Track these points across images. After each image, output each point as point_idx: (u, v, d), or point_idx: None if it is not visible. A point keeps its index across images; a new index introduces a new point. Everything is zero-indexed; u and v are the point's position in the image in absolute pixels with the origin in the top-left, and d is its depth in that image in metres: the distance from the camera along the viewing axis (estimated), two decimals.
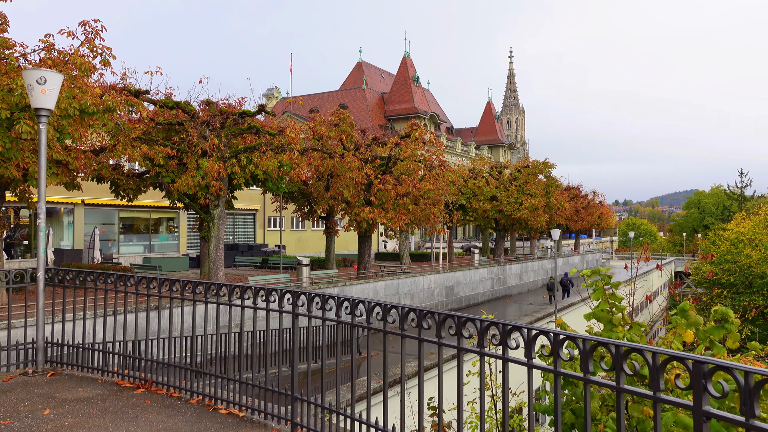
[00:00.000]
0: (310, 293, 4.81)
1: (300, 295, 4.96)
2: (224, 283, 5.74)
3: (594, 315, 5.33)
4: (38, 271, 6.73)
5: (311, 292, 4.88)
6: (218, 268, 19.74)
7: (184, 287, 6.00)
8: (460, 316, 3.70)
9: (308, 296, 4.80)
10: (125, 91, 17.40)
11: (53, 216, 31.71)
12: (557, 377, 3.12)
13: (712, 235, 48.74)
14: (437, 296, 29.41)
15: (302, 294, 4.93)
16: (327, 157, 22.93)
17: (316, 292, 4.82)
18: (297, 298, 4.96)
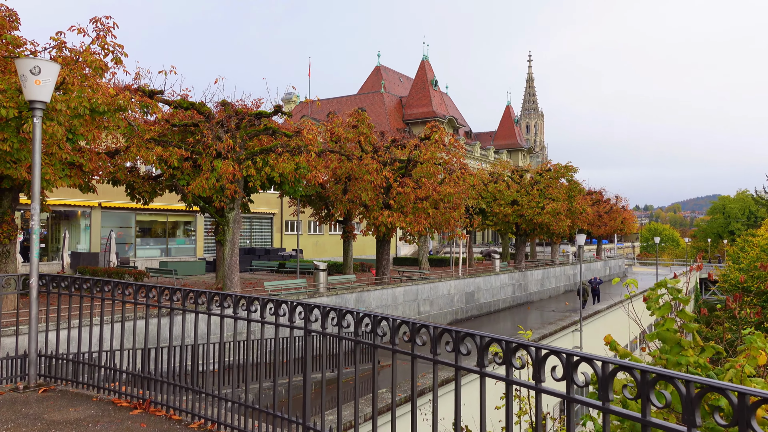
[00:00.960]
0: (293, 302, 4.47)
1: (281, 305, 4.60)
2: (229, 293, 5.14)
3: (658, 335, 4.64)
4: (31, 277, 6.21)
5: (294, 301, 4.44)
6: (233, 272, 19.27)
7: (185, 297, 5.41)
8: (458, 331, 3.31)
9: (290, 306, 4.48)
10: (139, 92, 17.04)
11: (70, 219, 31.61)
12: (570, 405, 2.78)
13: (741, 241, 47.38)
14: (457, 302, 28.67)
15: (283, 303, 4.55)
16: (345, 159, 22.37)
17: (301, 301, 4.44)
18: (279, 308, 4.61)
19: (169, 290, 5.52)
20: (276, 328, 4.53)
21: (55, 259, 29.86)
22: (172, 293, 5.49)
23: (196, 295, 5.29)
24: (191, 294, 5.33)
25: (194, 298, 5.29)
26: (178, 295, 5.47)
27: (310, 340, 4.39)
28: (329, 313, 4.15)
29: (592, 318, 25.39)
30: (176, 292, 5.47)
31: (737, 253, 46.19)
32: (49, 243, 30.37)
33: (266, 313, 4.66)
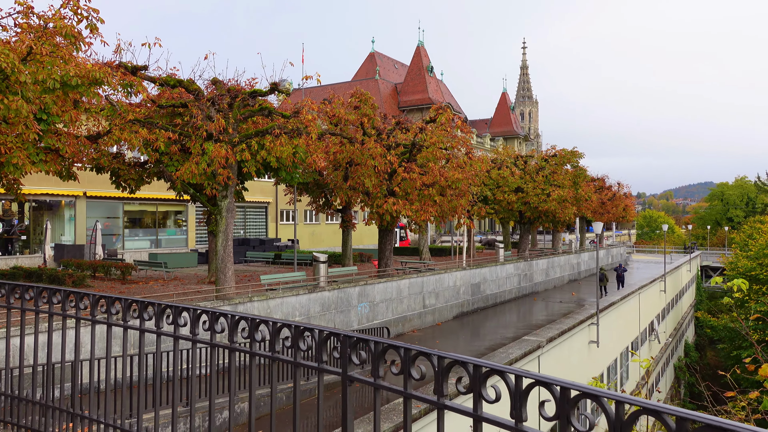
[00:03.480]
0: (196, 310, 3.71)
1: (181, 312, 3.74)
2: (105, 294, 3.90)
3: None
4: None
5: (199, 308, 3.73)
6: (227, 265, 17.78)
7: (42, 296, 4.12)
8: (408, 348, 2.61)
9: (192, 314, 3.73)
10: (122, 68, 15.41)
11: (54, 209, 29.94)
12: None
13: (748, 228, 46.29)
14: (463, 294, 27.30)
15: (185, 311, 3.74)
16: (347, 143, 20.82)
17: (206, 308, 3.68)
18: (179, 316, 3.71)
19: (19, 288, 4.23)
20: (175, 340, 3.71)
21: (38, 252, 28.23)
22: (38, 294, 4.20)
23: (77, 298, 4.02)
24: (58, 294, 4.07)
25: (75, 300, 4.03)
26: (45, 295, 4.15)
27: (216, 354, 3.55)
28: (239, 322, 3.42)
29: (606, 310, 24.11)
30: (41, 292, 4.18)
31: (745, 240, 45.04)
32: (31, 235, 28.72)
33: (163, 323, 3.83)
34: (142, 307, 3.78)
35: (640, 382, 32.37)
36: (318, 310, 18.76)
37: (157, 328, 3.75)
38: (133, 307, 4.01)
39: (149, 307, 3.83)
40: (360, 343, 2.79)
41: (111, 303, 3.98)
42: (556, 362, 18.31)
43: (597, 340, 22.05)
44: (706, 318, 47.63)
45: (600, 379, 24.38)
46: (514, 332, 23.99)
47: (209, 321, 3.49)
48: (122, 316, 3.97)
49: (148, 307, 3.81)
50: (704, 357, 57.16)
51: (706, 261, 70.66)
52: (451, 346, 21.50)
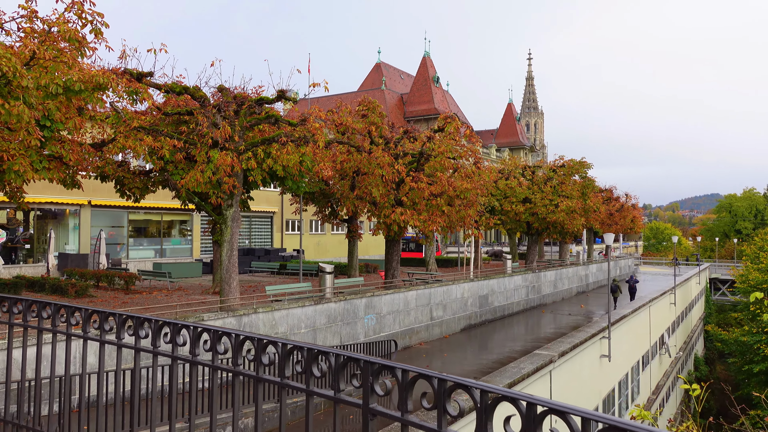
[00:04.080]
0: (158, 321, 3.51)
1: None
2: (73, 305, 3.65)
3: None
4: None
5: (160, 320, 3.51)
6: (231, 275, 17.45)
7: None
8: (371, 362, 2.44)
9: (154, 324, 3.51)
10: (127, 75, 15.20)
11: (58, 218, 29.74)
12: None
13: (759, 240, 45.69)
14: (471, 306, 26.87)
15: (146, 321, 3.51)
16: (354, 151, 20.52)
17: (168, 320, 3.46)
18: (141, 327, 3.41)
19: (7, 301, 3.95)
20: (136, 353, 3.52)
21: (41, 261, 27.98)
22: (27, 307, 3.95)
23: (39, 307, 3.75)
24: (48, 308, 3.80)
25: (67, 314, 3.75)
26: None
27: (176, 368, 3.35)
28: (201, 335, 3.27)
29: (618, 324, 23.63)
30: (30, 305, 3.92)
31: (756, 252, 44.43)
32: (35, 244, 28.50)
33: (124, 334, 3.67)
34: (137, 323, 3.46)
35: (651, 397, 31.78)
36: (324, 322, 18.38)
37: (154, 346, 3.44)
38: (93, 317, 3.74)
39: (110, 317, 3.65)
40: (321, 356, 2.69)
41: (104, 318, 3.67)
42: (568, 377, 17.85)
43: (609, 354, 21.57)
44: (716, 332, 46.94)
45: (611, 395, 23.88)
46: (522, 345, 23.53)
47: (170, 333, 3.35)
48: (117, 334, 3.65)
49: (144, 323, 3.49)
50: (714, 371, 56.33)
51: (715, 273, 69.86)
52: (458, 360, 21.06)
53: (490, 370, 19.18)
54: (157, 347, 3.36)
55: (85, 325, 3.72)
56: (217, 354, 3.12)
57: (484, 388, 2.05)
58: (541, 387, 15.56)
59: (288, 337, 17.12)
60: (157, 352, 3.35)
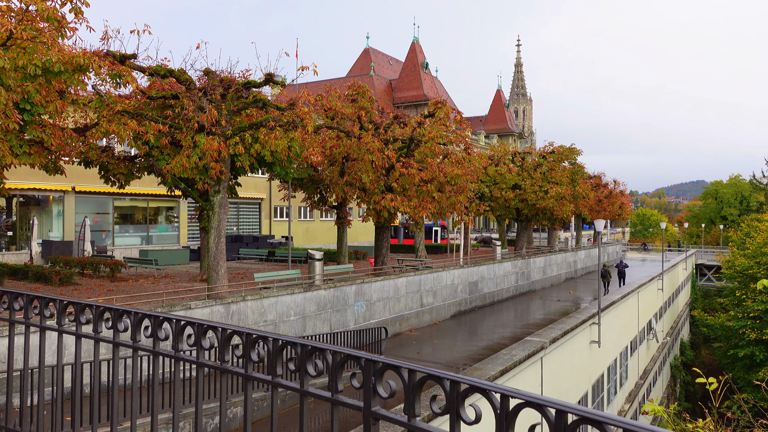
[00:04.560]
0: (99, 306, 3.36)
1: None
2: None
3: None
4: None
5: (102, 305, 3.36)
6: (219, 262, 17.17)
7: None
8: (338, 352, 2.36)
9: (134, 317, 3.26)
10: (110, 57, 14.75)
11: (41, 204, 29.20)
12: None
13: (746, 227, 46.06)
14: (461, 293, 26.80)
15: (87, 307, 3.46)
16: (343, 137, 20.21)
17: (109, 305, 3.32)
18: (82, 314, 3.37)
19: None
20: (114, 347, 3.29)
21: (24, 249, 27.50)
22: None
23: None
24: None
25: None
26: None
27: (157, 363, 3.01)
28: (143, 320, 3.15)
29: (607, 309, 23.67)
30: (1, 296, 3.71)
31: (742, 238, 44.78)
32: (17, 231, 27.97)
33: (102, 326, 3.44)
34: (79, 309, 3.28)
35: (639, 382, 32.04)
36: (314, 309, 18.19)
37: (96, 332, 3.34)
38: (69, 309, 3.54)
39: (86, 309, 3.46)
40: (260, 341, 2.64)
41: (45, 304, 3.49)
42: (558, 364, 17.83)
43: (598, 340, 21.61)
44: (703, 317, 47.42)
45: (600, 380, 23.97)
46: (511, 331, 23.53)
47: (112, 319, 3.24)
48: (58, 320, 3.46)
49: (85, 309, 3.33)
50: (699, 355, 56.99)
51: (701, 259, 70.51)
52: (448, 346, 21.00)
53: (480, 356, 19.13)
54: (138, 342, 3.12)
55: (60, 317, 3.48)
56: (158, 340, 3.03)
57: (505, 392, 1.84)
58: (532, 374, 15.51)
59: (277, 324, 16.91)
60: (137, 347, 3.13)
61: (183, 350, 2.96)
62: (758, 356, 37.66)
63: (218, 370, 2.80)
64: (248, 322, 15.99)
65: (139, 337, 3.15)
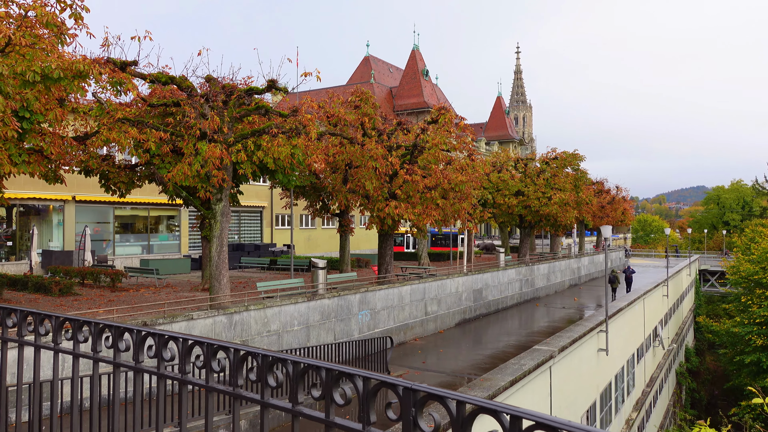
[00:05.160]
0: (59, 317, 3.19)
1: None
2: None
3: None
4: None
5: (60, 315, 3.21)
6: (221, 271, 16.91)
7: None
8: (265, 355, 2.31)
9: (95, 327, 3.10)
10: (110, 64, 14.57)
11: (41, 214, 28.96)
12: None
13: (750, 232, 45.77)
14: (465, 301, 26.50)
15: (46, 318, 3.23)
16: (347, 143, 19.99)
17: (69, 315, 3.17)
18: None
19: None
20: (74, 359, 3.13)
21: (24, 259, 27.24)
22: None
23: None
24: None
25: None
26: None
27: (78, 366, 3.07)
28: (103, 330, 3.02)
29: (614, 317, 23.37)
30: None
31: (747, 244, 44.47)
32: (17, 241, 27.71)
33: (61, 338, 3.25)
34: (37, 319, 3.06)
35: (645, 390, 31.66)
36: (317, 318, 17.91)
37: (55, 343, 3.15)
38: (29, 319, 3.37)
39: (45, 320, 3.31)
40: (220, 350, 2.56)
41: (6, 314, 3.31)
42: (567, 372, 17.52)
43: (606, 348, 21.30)
44: (707, 323, 47.06)
45: (608, 389, 23.63)
46: (517, 339, 23.23)
47: (72, 330, 3.08)
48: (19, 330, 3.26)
49: (45, 321, 3.14)
50: (704, 362, 56.56)
51: (704, 265, 70.14)
52: (453, 355, 20.69)
53: (486, 365, 18.83)
54: (98, 352, 2.99)
55: (20, 329, 3.29)
56: (119, 351, 2.90)
57: (460, 399, 1.79)
58: (541, 384, 15.21)
59: (281, 335, 16.63)
60: (98, 358, 3.00)
61: (187, 369, 2.74)
62: (765, 362, 37.27)
63: (205, 388, 2.64)
64: (251, 332, 15.71)
65: (124, 356, 2.97)
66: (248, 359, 2.45)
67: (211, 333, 14.66)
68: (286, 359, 2.27)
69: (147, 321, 13.18)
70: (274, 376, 2.35)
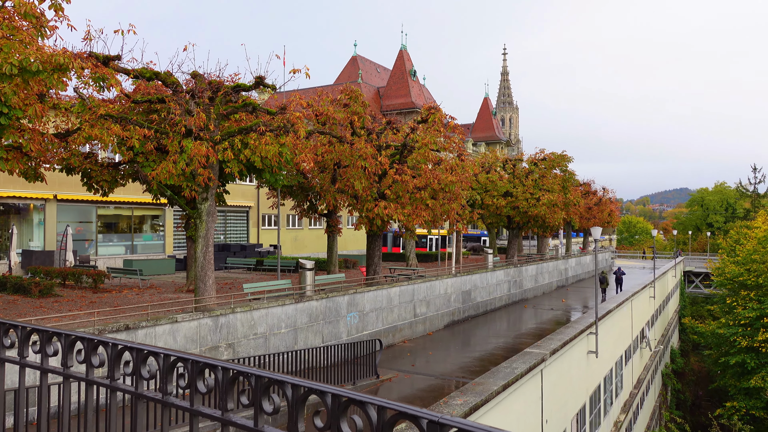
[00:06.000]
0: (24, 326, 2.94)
1: None
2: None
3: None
4: None
5: None
6: (207, 272, 16.51)
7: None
8: (167, 354, 2.34)
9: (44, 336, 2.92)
10: (93, 58, 14.12)
11: (22, 213, 28.29)
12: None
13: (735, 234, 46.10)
14: (454, 302, 26.29)
15: None
16: (336, 142, 19.67)
17: None
18: None
19: None
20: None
21: (3, 259, 26.58)
22: None
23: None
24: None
25: None
26: None
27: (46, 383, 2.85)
28: (31, 335, 2.92)
29: (604, 318, 23.27)
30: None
31: (732, 245, 44.80)
32: None
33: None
34: None
35: (633, 391, 31.67)
36: (305, 321, 17.57)
37: None
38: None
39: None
40: (126, 351, 2.53)
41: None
42: (558, 375, 17.35)
43: (596, 350, 21.18)
44: (693, 324, 47.33)
45: (597, 391, 23.53)
46: (505, 341, 23.07)
47: (40, 342, 2.89)
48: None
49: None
50: (688, 363, 56.93)
51: (689, 266, 70.70)
52: (442, 358, 20.46)
53: (475, 367, 18.61)
54: (25, 357, 2.78)
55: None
56: (47, 356, 2.77)
57: (381, 404, 1.85)
58: (532, 387, 15.01)
59: (268, 338, 16.27)
60: (24, 363, 2.77)
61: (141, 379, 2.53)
62: (749, 363, 37.52)
63: (133, 395, 2.54)
64: (237, 335, 15.34)
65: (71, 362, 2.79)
66: (178, 366, 2.37)
67: (195, 336, 14.27)
68: (216, 365, 2.20)
69: (129, 324, 12.77)
70: (204, 382, 2.27)
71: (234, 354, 15.16)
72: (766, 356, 37.01)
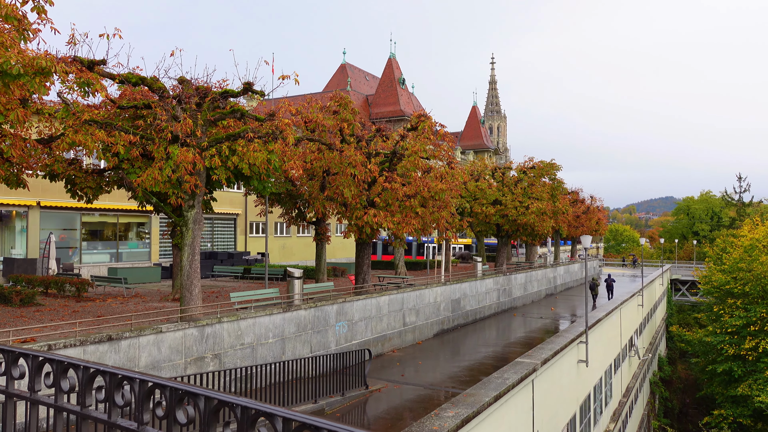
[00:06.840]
0: None
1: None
2: None
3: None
4: None
5: None
6: (193, 281, 16.20)
7: None
8: (86, 367, 2.46)
9: None
10: (77, 62, 13.84)
11: (3, 220, 27.77)
12: None
13: (721, 242, 46.39)
14: (443, 311, 26.10)
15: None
16: (325, 149, 19.47)
17: None
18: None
19: None
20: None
21: None
22: None
23: None
24: None
25: None
26: None
27: None
28: (43, 364, 2.84)
29: (594, 327, 23.20)
30: None
31: (718, 254, 45.07)
32: None
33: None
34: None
35: (622, 400, 31.62)
36: (293, 330, 17.29)
37: None
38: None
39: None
40: (47, 363, 2.58)
41: None
42: (549, 385, 17.20)
43: (586, 359, 21.07)
44: (680, 332, 47.51)
45: (587, 401, 23.41)
46: (495, 350, 22.92)
47: None
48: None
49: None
50: (676, 371, 57.13)
51: (676, 274, 71.09)
52: (431, 367, 20.26)
53: (465, 377, 18.42)
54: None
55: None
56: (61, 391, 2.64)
57: (287, 416, 1.92)
58: (523, 398, 14.83)
59: (255, 348, 15.97)
60: None
61: None
62: (736, 371, 37.65)
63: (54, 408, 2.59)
64: (224, 345, 15.03)
65: None
66: (97, 378, 2.39)
67: (181, 347, 13.95)
68: (134, 378, 2.24)
69: (112, 335, 12.44)
70: (122, 395, 2.31)
71: (221, 365, 14.85)
72: (752, 364, 37.15)
